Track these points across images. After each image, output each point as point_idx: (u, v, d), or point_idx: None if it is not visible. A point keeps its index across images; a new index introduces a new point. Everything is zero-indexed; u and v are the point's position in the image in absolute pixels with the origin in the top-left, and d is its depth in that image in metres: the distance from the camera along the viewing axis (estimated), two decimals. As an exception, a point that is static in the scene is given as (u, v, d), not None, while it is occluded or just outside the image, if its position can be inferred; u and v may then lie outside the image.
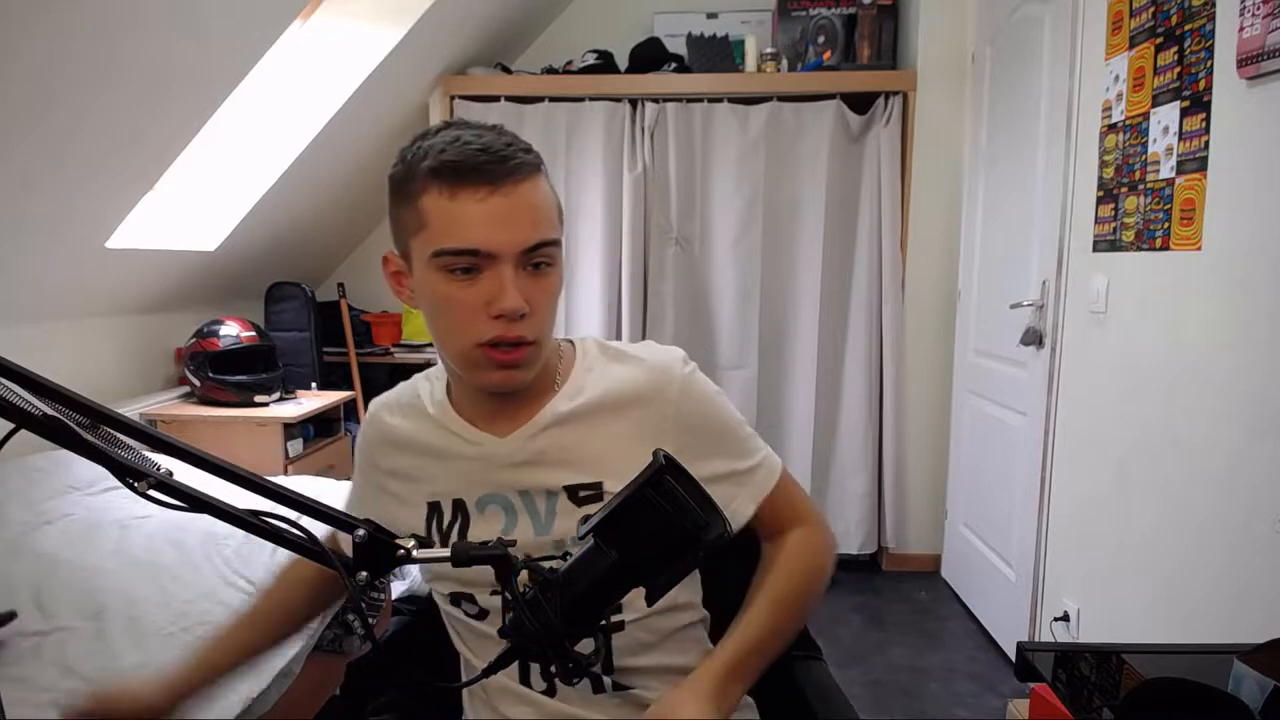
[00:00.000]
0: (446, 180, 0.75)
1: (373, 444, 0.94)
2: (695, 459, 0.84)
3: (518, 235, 0.76)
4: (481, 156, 0.75)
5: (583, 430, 0.85)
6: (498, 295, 0.76)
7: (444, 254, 0.76)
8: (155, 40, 1.78)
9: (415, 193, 0.77)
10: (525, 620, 0.61)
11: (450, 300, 0.77)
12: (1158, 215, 1.66)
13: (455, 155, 0.75)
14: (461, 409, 0.88)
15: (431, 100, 3.08)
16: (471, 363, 0.80)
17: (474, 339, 0.78)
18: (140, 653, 1.39)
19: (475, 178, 0.75)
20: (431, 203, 0.76)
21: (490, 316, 0.77)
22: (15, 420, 0.55)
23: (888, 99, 2.95)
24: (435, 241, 0.76)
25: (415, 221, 0.78)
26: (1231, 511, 1.46)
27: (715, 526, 0.61)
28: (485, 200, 0.75)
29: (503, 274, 0.76)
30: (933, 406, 3.04)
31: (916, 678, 2.35)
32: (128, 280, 2.57)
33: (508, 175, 0.76)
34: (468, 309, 0.77)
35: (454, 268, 0.76)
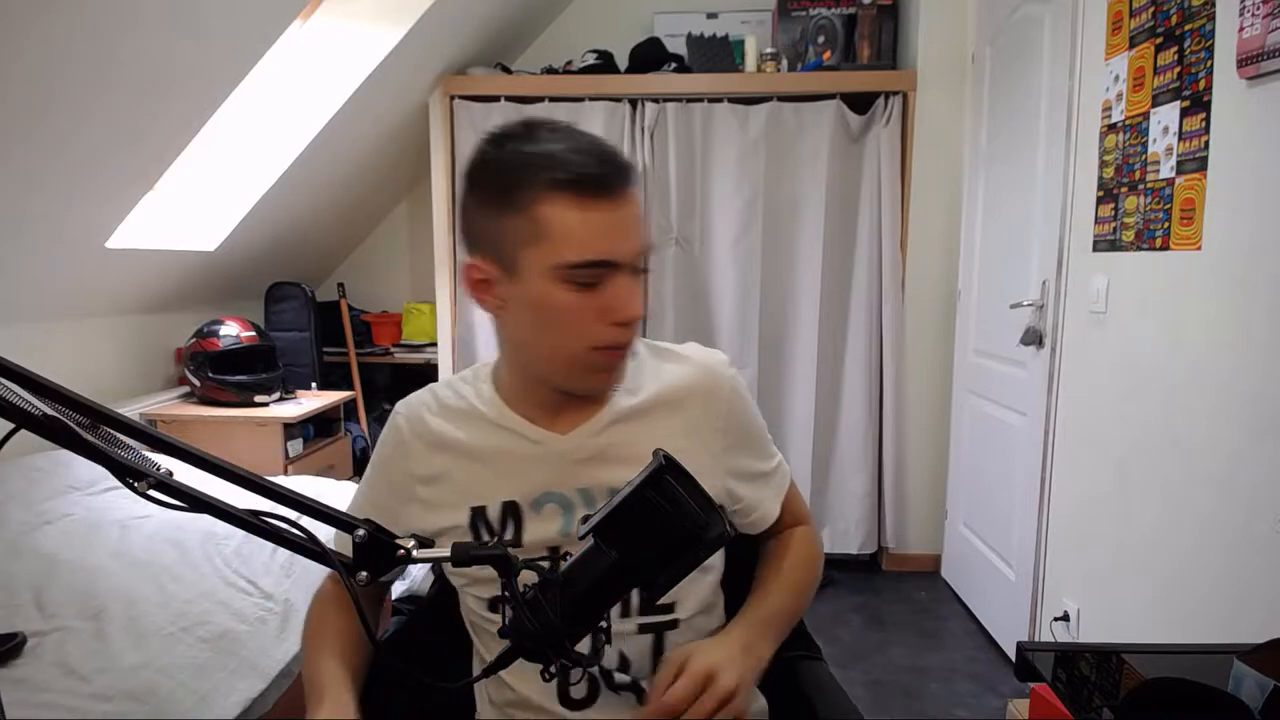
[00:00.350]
0: (574, 192, 0.74)
1: (410, 449, 0.89)
2: (738, 457, 0.90)
3: (637, 243, 0.78)
4: (608, 167, 0.75)
5: (643, 426, 0.87)
6: (621, 304, 0.77)
7: (574, 267, 0.75)
8: (155, 40, 1.78)
9: (530, 202, 0.75)
10: (525, 620, 0.61)
11: (569, 310, 0.77)
12: (1158, 215, 1.66)
13: (582, 167, 0.74)
14: (518, 408, 0.88)
15: (431, 100, 3.08)
16: (579, 366, 0.81)
17: (589, 343, 0.79)
18: (140, 653, 1.39)
19: (603, 189, 0.75)
20: (556, 214, 0.74)
21: (609, 323, 0.78)
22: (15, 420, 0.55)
23: (888, 99, 2.95)
24: (560, 254, 0.75)
25: (530, 232, 0.75)
26: (1231, 511, 1.46)
27: (715, 526, 0.61)
28: (612, 211, 0.76)
29: (624, 282, 0.77)
30: (933, 406, 3.04)
31: (916, 678, 2.35)
32: (128, 280, 2.57)
33: (626, 184, 0.76)
34: (586, 317, 0.77)
35: (579, 280, 0.76)
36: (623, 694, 0.85)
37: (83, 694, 1.28)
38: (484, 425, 0.88)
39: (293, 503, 0.65)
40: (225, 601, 1.57)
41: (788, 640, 1.06)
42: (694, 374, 0.90)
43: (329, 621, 0.89)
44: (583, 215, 0.75)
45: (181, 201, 2.57)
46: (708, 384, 0.90)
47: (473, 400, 0.89)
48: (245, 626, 1.51)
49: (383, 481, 0.92)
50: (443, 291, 3.21)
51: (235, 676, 1.40)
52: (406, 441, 0.90)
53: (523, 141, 0.77)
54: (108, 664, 1.35)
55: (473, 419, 0.88)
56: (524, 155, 0.76)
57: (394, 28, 2.54)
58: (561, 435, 0.86)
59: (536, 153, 0.76)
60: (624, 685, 0.85)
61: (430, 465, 0.88)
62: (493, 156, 0.78)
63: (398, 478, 0.90)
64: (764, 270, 3.03)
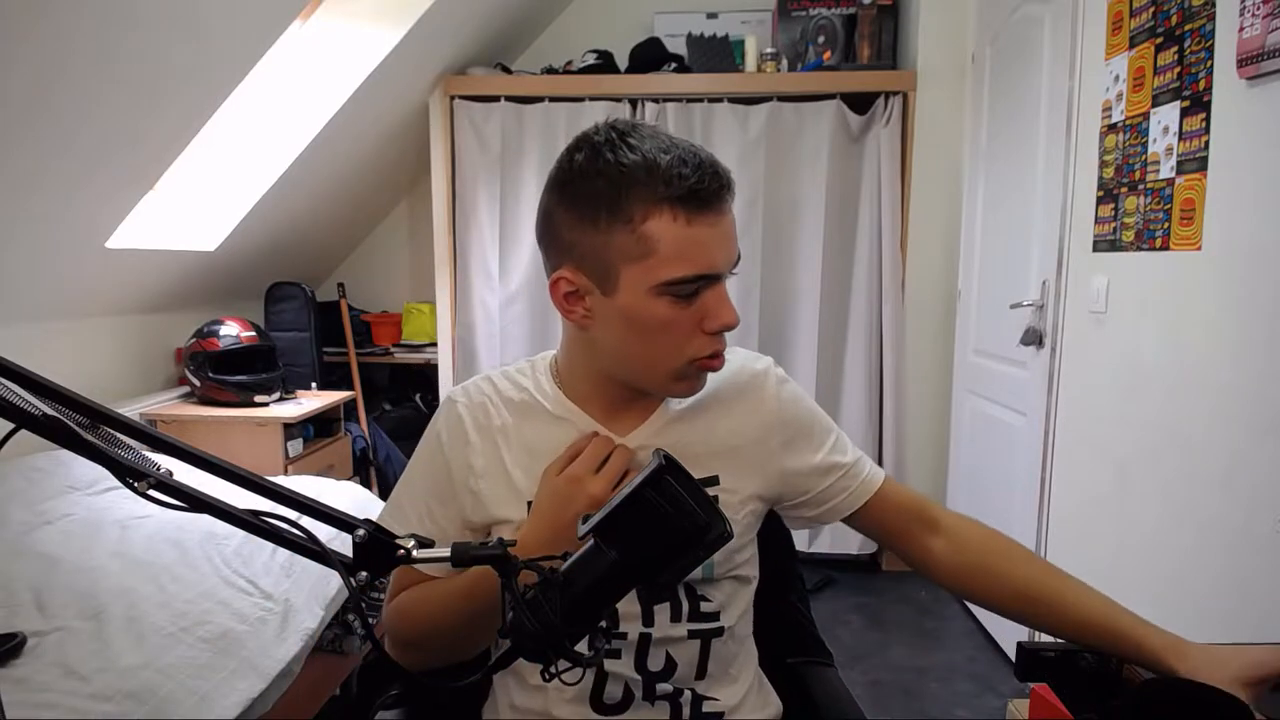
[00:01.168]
0: (685, 208, 0.73)
1: (470, 439, 0.87)
2: (801, 451, 0.90)
3: (733, 252, 0.78)
4: (715, 181, 0.74)
5: (698, 425, 0.88)
6: (718, 312, 0.78)
7: (679, 282, 0.74)
8: (155, 40, 1.78)
9: (636, 218, 0.73)
10: (525, 620, 0.61)
11: (670, 323, 0.77)
12: (1158, 215, 1.66)
13: (691, 181, 0.73)
14: (581, 404, 0.87)
15: (431, 100, 3.08)
16: (680, 377, 0.81)
17: (691, 356, 0.79)
18: (140, 653, 1.39)
19: (712, 204, 0.74)
20: (663, 230, 0.73)
21: (707, 332, 0.78)
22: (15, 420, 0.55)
23: (888, 99, 2.95)
24: (667, 270, 0.74)
25: (636, 249, 0.74)
26: (1231, 511, 1.46)
27: (715, 526, 0.60)
28: (715, 225, 0.76)
29: (720, 291, 0.78)
30: (933, 406, 3.04)
31: (916, 678, 2.35)
32: (128, 280, 2.57)
33: (730, 194, 0.77)
34: (684, 329, 0.77)
35: (682, 293, 0.76)
36: (658, 703, 0.86)
37: (83, 694, 1.28)
38: (546, 419, 0.87)
39: (293, 503, 0.65)
40: (225, 601, 1.57)
41: (799, 646, 1.06)
42: (740, 373, 0.91)
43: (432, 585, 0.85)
44: (691, 231, 0.74)
45: (181, 201, 2.57)
46: (754, 382, 0.91)
47: (533, 393, 0.89)
48: (245, 626, 1.51)
49: (440, 470, 0.88)
50: (443, 291, 3.21)
51: (235, 676, 1.40)
52: (466, 431, 0.87)
53: (619, 150, 0.74)
54: (108, 664, 1.35)
55: (534, 412, 0.88)
56: (626, 168, 0.74)
57: (394, 28, 2.54)
58: (621, 436, 0.86)
59: (639, 164, 0.73)
60: (664, 695, 0.86)
61: (489, 456, 0.86)
62: (588, 167, 0.75)
63: (457, 467, 0.87)
64: (764, 270, 3.03)
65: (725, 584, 0.88)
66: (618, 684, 0.85)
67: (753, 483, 0.89)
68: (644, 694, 0.85)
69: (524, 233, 3.11)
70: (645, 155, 0.74)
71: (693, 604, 0.86)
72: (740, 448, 0.88)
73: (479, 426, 0.87)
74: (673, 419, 0.87)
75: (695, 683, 0.87)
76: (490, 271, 3.17)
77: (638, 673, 0.85)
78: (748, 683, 0.92)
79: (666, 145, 0.75)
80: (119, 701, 1.27)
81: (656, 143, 0.75)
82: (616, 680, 0.85)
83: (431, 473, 0.89)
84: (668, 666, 0.85)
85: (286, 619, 1.58)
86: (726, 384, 0.90)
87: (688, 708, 0.86)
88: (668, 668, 0.85)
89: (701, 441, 0.87)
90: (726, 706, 0.88)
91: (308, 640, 1.58)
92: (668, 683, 0.86)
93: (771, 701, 0.96)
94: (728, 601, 0.88)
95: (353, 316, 3.53)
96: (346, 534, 0.66)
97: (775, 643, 1.03)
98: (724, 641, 0.88)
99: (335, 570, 0.64)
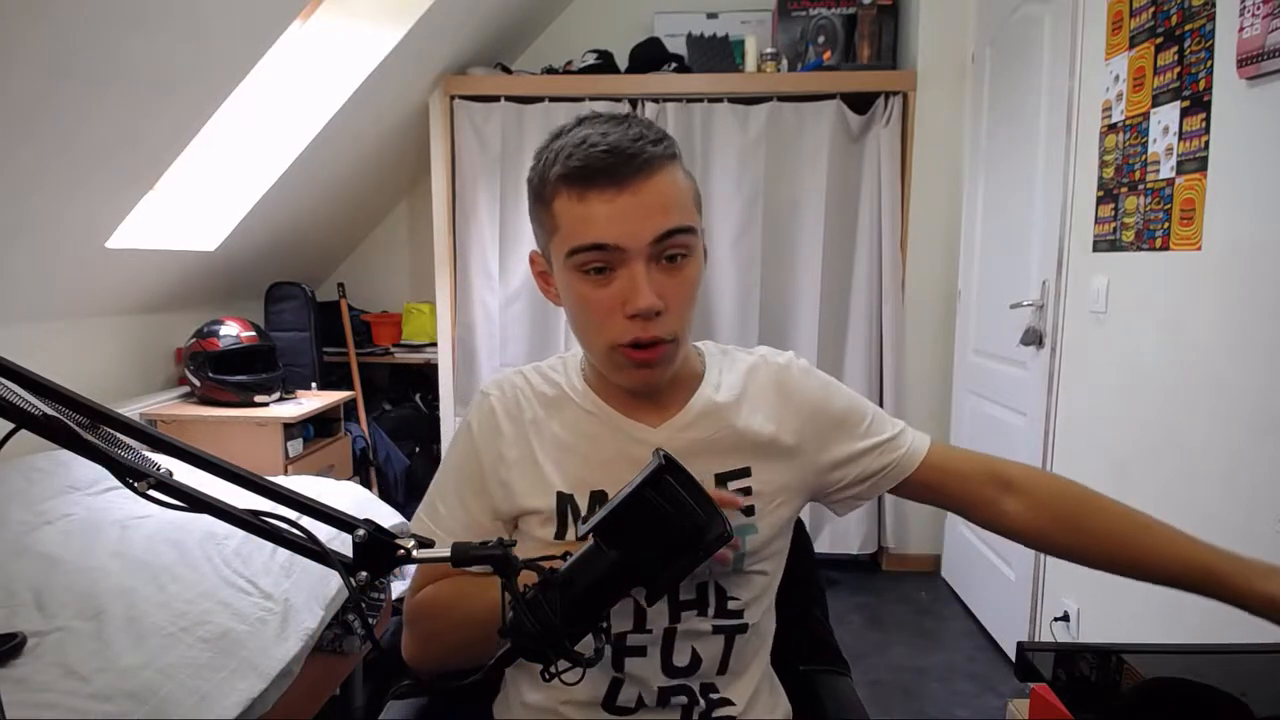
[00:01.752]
0: (575, 184, 0.77)
1: (504, 431, 0.88)
2: (840, 441, 0.91)
3: (646, 227, 0.77)
4: (608, 158, 0.76)
5: (728, 419, 0.88)
6: (631, 294, 0.77)
7: (575, 252, 0.78)
8: (155, 40, 1.78)
9: (549, 197, 0.80)
10: (525, 620, 0.61)
11: (587, 300, 0.79)
12: (1158, 215, 1.66)
13: (581, 159, 0.76)
14: (609, 400, 0.88)
15: (431, 100, 3.08)
16: (612, 363, 0.83)
17: (612, 340, 0.80)
18: (140, 653, 1.38)
19: (602, 180, 0.76)
20: (563, 206, 0.78)
21: (626, 317, 0.78)
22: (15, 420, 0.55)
23: (888, 99, 2.95)
24: (567, 242, 0.78)
25: (550, 224, 0.80)
26: (1232, 511, 1.46)
27: (715, 526, 0.60)
28: (613, 200, 0.76)
29: (635, 271, 0.77)
30: (933, 406, 3.04)
31: (916, 678, 2.35)
32: (128, 280, 2.57)
33: (635, 173, 0.76)
34: (604, 309, 0.79)
35: (587, 267, 0.78)
36: (669, 706, 0.86)
37: (83, 694, 1.28)
38: (578, 414, 0.88)
39: (293, 503, 0.65)
40: (225, 601, 1.57)
41: (816, 655, 1.07)
42: (765, 369, 0.93)
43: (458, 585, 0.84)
44: (585, 206, 0.77)
45: (181, 201, 2.57)
46: (779, 378, 0.92)
47: (565, 389, 0.90)
48: (245, 626, 1.51)
49: (472, 461, 0.89)
50: (443, 291, 3.21)
51: (235, 676, 1.40)
52: (499, 422, 0.89)
53: (559, 137, 0.80)
54: (108, 664, 1.35)
55: (566, 407, 0.89)
56: (548, 149, 0.80)
57: (394, 28, 2.54)
58: (653, 429, 0.87)
59: (556, 148, 0.79)
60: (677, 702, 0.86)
61: (520, 448, 0.87)
62: (537, 155, 0.82)
63: (488, 458, 0.88)
64: (764, 270, 3.03)
65: (754, 580, 0.89)
66: (633, 688, 0.85)
67: (786, 476, 0.89)
68: (657, 699, 0.85)
69: (524, 233, 3.11)
70: (567, 137, 0.79)
71: (720, 600, 0.87)
72: (772, 442, 0.88)
73: (511, 418, 0.89)
74: (702, 413, 0.88)
75: (716, 678, 0.87)
76: (490, 271, 3.17)
77: (663, 669, 0.85)
78: (760, 680, 0.92)
79: (591, 129, 0.78)
80: (119, 701, 1.27)
81: (588, 127, 0.79)
82: (633, 684, 0.85)
83: (464, 464, 0.89)
84: (693, 662, 0.86)
85: (286, 619, 1.58)
86: (753, 379, 0.91)
87: (699, 709, 0.87)
88: (693, 663, 0.86)
89: (732, 435, 0.88)
90: (738, 707, 0.88)
91: (308, 640, 1.58)
92: (689, 679, 0.86)
93: (781, 705, 0.96)
94: (753, 599, 0.89)
95: (353, 316, 3.53)
96: (346, 534, 0.66)
97: (792, 650, 1.03)
98: (747, 639, 0.88)
99: (335, 570, 0.64)
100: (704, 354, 0.95)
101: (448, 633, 0.84)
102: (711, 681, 0.87)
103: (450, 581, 0.86)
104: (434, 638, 0.85)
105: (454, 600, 0.84)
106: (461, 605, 0.82)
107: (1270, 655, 0.92)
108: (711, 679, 0.87)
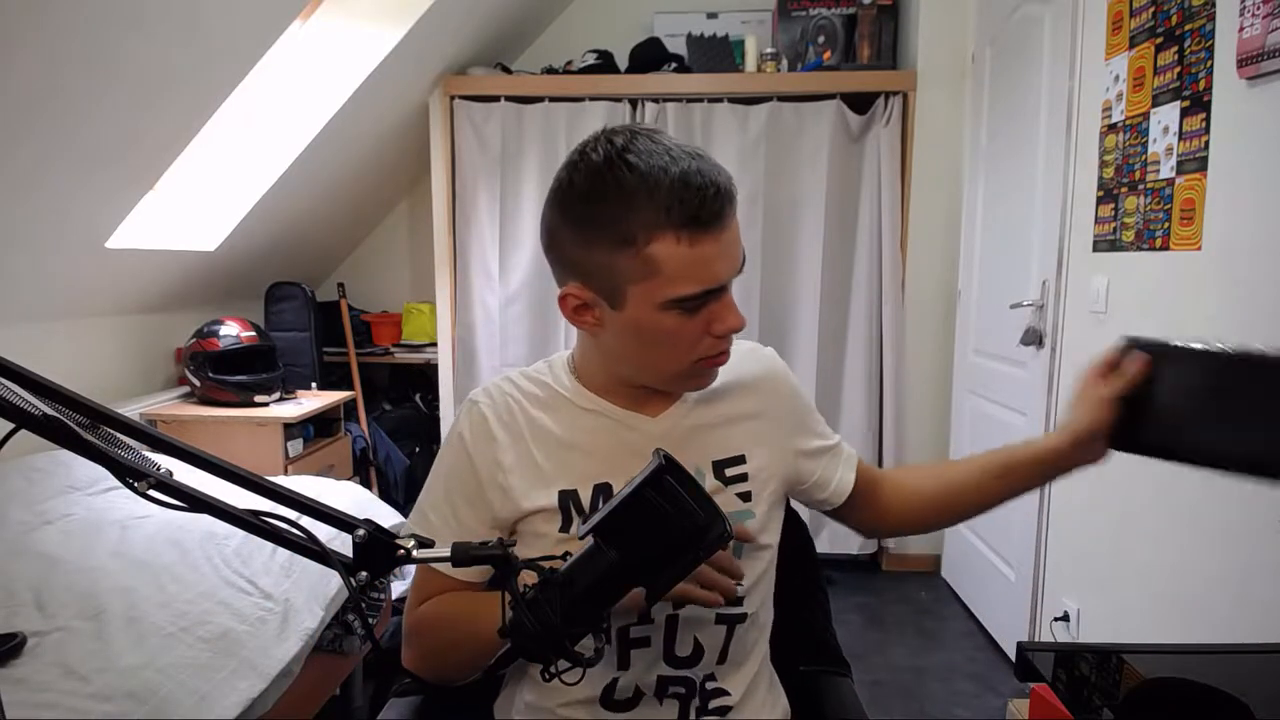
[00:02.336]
0: (689, 231, 0.72)
1: (496, 437, 0.87)
2: (804, 437, 0.95)
3: (738, 261, 0.78)
4: (720, 202, 0.73)
5: (723, 408, 0.90)
6: (724, 317, 0.79)
7: (686, 299, 0.75)
8: (155, 41, 1.78)
9: (639, 241, 0.73)
10: (525, 620, 0.61)
11: (677, 332, 0.78)
12: (1158, 215, 1.66)
13: (697, 205, 0.72)
14: (605, 395, 0.89)
15: (431, 100, 3.08)
16: (686, 376, 0.84)
17: (696, 357, 0.81)
18: (140, 653, 1.38)
19: (715, 224, 0.74)
20: (669, 252, 0.73)
21: (715, 336, 0.80)
22: (15, 420, 0.55)
23: (888, 99, 2.95)
24: (673, 288, 0.74)
25: (641, 271, 0.74)
26: (1231, 511, 1.46)
27: (715, 526, 0.61)
28: (719, 240, 0.75)
29: (726, 298, 0.79)
30: (933, 406, 3.04)
31: (916, 678, 2.35)
32: (128, 280, 2.57)
33: (731, 208, 0.76)
34: (693, 335, 0.79)
35: (689, 308, 0.76)
36: (666, 701, 0.86)
37: (83, 694, 1.28)
38: (574, 412, 0.88)
39: (293, 503, 0.65)
40: (225, 601, 1.57)
41: (814, 654, 1.07)
42: (753, 361, 0.95)
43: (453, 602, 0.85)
44: (695, 251, 0.73)
45: (181, 201, 2.57)
46: (766, 370, 0.95)
47: (556, 389, 0.90)
48: (245, 626, 1.51)
49: (465, 471, 0.87)
50: (443, 291, 3.21)
51: (235, 676, 1.40)
52: (492, 429, 0.87)
53: (619, 170, 0.72)
54: (108, 664, 1.35)
55: (560, 406, 0.89)
56: (625, 191, 0.72)
57: (394, 28, 2.54)
58: (653, 418, 0.88)
59: (639, 186, 0.72)
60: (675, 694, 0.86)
61: (517, 451, 0.86)
62: (588, 189, 0.74)
63: (483, 465, 0.86)
64: (764, 270, 3.03)
65: (757, 558, 0.90)
66: (631, 680, 0.85)
67: (774, 462, 0.92)
68: (655, 691, 0.86)
69: (524, 233, 3.11)
70: (645, 176, 0.72)
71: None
72: (762, 427, 0.91)
73: (504, 423, 0.88)
74: (698, 401, 0.90)
75: (716, 668, 0.88)
76: (490, 271, 3.17)
77: (665, 658, 0.86)
78: (757, 673, 0.92)
79: (665, 162, 0.72)
80: (119, 701, 1.27)
81: (655, 159, 0.72)
82: (633, 676, 0.85)
83: (456, 474, 0.88)
84: (695, 652, 0.86)
85: (286, 619, 1.58)
86: (744, 368, 0.93)
87: (696, 702, 0.87)
88: (695, 653, 0.86)
89: (727, 421, 0.90)
90: (734, 697, 0.89)
91: (308, 640, 1.58)
92: (691, 670, 0.86)
93: (780, 704, 0.96)
94: (752, 588, 0.89)
95: (353, 316, 3.53)
96: (346, 534, 0.66)
97: (793, 650, 1.04)
98: (746, 628, 0.89)
99: (335, 570, 0.64)
100: None
101: (450, 650, 0.84)
102: (711, 672, 0.88)
103: (452, 598, 0.86)
104: (436, 653, 0.86)
105: (457, 618, 0.84)
106: (464, 624, 0.82)
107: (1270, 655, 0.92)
108: (711, 669, 0.88)
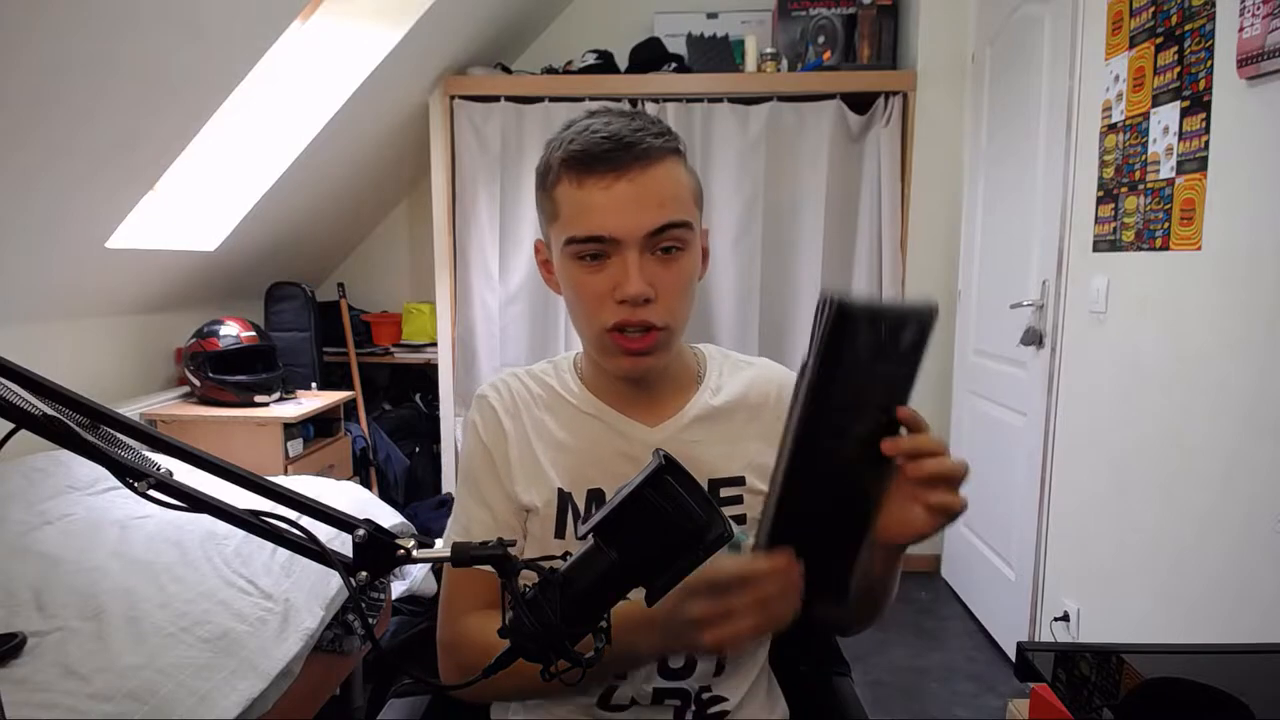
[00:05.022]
0: (574, 170, 0.78)
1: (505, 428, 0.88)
2: None
3: (641, 219, 0.77)
4: (606, 145, 0.77)
5: (726, 426, 0.89)
6: (622, 281, 0.78)
7: (573, 241, 0.79)
8: (155, 41, 1.78)
9: (551, 183, 0.81)
10: (525, 620, 0.61)
11: (581, 286, 0.80)
12: (1158, 215, 1.66)
13: (582, 145, 0.78)
14: (605, 399, 0.89)
15: (431, 100, 3.08)
16: (602, 348, 0.83)
17: (602, 324, 0.80)
18: (140, 653, 1.38)
19: (600, 166, 0.77)
20: (563, 193, 0.80)
21: (616, 302, 0.79)
22: (15, 420, 0.55)
23: (888, 99, 2.95)
24: (566, 230, 0.80)
25: (551, 210, 0.82)
26: (1231, 511, 1.46)
27: (715, 527, 0.60)
28: (610, 188, 0.77)
29: (627, 259, 0.78)
30: (933, 406, 3.04)
31: (916, 678, 2.35)
32: (128, 280, 2.57)
33: (634, 160, 0.77)
34: (596, 295, 0.80)
35: (583, 254, 0.79)
36: (666, 704, 0.86)
37: (83, 694, 1.27)
38: (574, 414, 0.89)
39: (293, 503, 0.65)
40: (225, 601, 1.56)
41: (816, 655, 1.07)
42: (767, 382, 0.93)
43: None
44: (583, 192, 0.78)
45: (181, 201, 2.57)
46: (777, 393, 0.92)
47: (559, 390, 0.91)
48: (245, 626, 1.51)
49: (485, 455, 0.89)
50: (443, 291, 3.21)
51: (235, 676, 1.40)
52: (501, 421, 0.89)
53: (567, 127, 0.81)
54: (108, 664, 1.34)
55: (562, 407, 0.89)
56: (556, 138, 0.81)
57: (394, 28, 2.54)
58: (649, 428, 0.87)
59: (561, 136, 0.81)
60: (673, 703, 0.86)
61: (522, 446, 0.88)
62: (546, 144, 0.83)
63: (497, 453, 0.88)
64: (764, 270, 3.03)
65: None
66: (627, 690, 0.85)
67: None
68: (651, 699, 0.85)
69: (524, 233, 3.11)
70: (571, 129, 0.80)
71: None
72: (764, 453, 0.87)
73: (512, 416, 0.90)
74: (700, 416, 0.89)
75: (713, 679, 0.87)
76: (490, 271, 3.17)
77: (660, 672, 0.85)
78: (756, 679, 0.92)
79: (595, 119, 0.80)
80: (119, 701, 1.27)
81: (593, 118, 0.80)
82: (628, 686, 0.85)
83: (480, 457, 0.90)
84: (688, 665, 0.86)
85: (286, 619, 1.58)
86: (755, 389, 0.92)
87: (693, 707, 0.86)
88: (688, 666, 0.86)
89: (725, 441, 0.88)
90: (731, 703, 0.88)
91: (308, 640, 1.58)
92: (685, 682, 0.86)
93: (779, 706, 0.96)
94: None
95: (353, 316, 3.53)
96: (346, 534, 0.66)
97: (792, 650, 1.03)
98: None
99: (335, 570, 0.64)
100: (705, 357, 0.95)
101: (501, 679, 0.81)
102: (707, 684, 0.87)
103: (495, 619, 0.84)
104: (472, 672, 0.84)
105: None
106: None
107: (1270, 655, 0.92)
108: (707, 681, 0.87)
